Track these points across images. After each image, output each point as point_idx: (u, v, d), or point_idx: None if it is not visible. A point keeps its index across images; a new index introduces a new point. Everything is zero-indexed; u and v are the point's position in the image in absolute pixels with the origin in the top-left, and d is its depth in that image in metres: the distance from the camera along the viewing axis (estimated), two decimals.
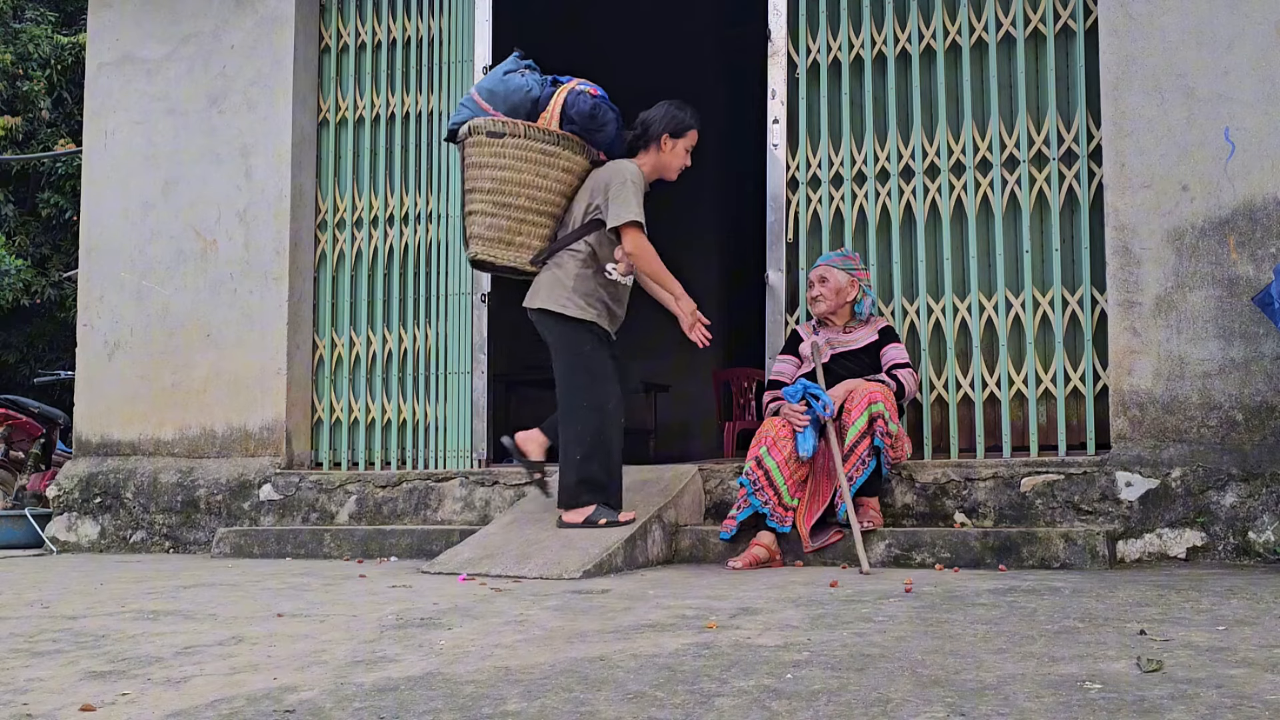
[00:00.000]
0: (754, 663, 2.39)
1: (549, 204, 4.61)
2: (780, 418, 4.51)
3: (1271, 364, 4.36)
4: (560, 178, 4.59)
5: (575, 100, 4.58)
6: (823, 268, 4.77)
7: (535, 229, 4.61)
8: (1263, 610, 2.96)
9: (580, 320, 4.52)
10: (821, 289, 4.72)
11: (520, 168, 4.54)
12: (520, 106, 4.60)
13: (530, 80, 4.64)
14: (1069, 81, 4.88)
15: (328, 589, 3.87)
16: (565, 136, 4.57)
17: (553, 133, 4.56)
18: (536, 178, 4.55)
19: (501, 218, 4.58)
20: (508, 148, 4.54)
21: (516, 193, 4.56)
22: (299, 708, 2.12)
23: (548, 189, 4.58)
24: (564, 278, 4.54)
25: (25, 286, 11.67)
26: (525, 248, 4.62)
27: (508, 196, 4.56)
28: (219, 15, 6.06)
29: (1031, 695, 2.05)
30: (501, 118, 4.56)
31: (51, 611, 3.46)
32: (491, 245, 4.60)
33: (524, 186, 4.55)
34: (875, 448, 4.33)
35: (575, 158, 4.61)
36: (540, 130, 4.55)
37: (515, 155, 4.54)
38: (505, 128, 4.53)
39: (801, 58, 5.25)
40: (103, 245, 6.16)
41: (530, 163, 4.54)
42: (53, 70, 12.44)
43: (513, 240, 4.61)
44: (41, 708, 2.18)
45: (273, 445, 5.77)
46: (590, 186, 4.61)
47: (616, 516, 4.44)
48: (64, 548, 5.99)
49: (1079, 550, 4.14)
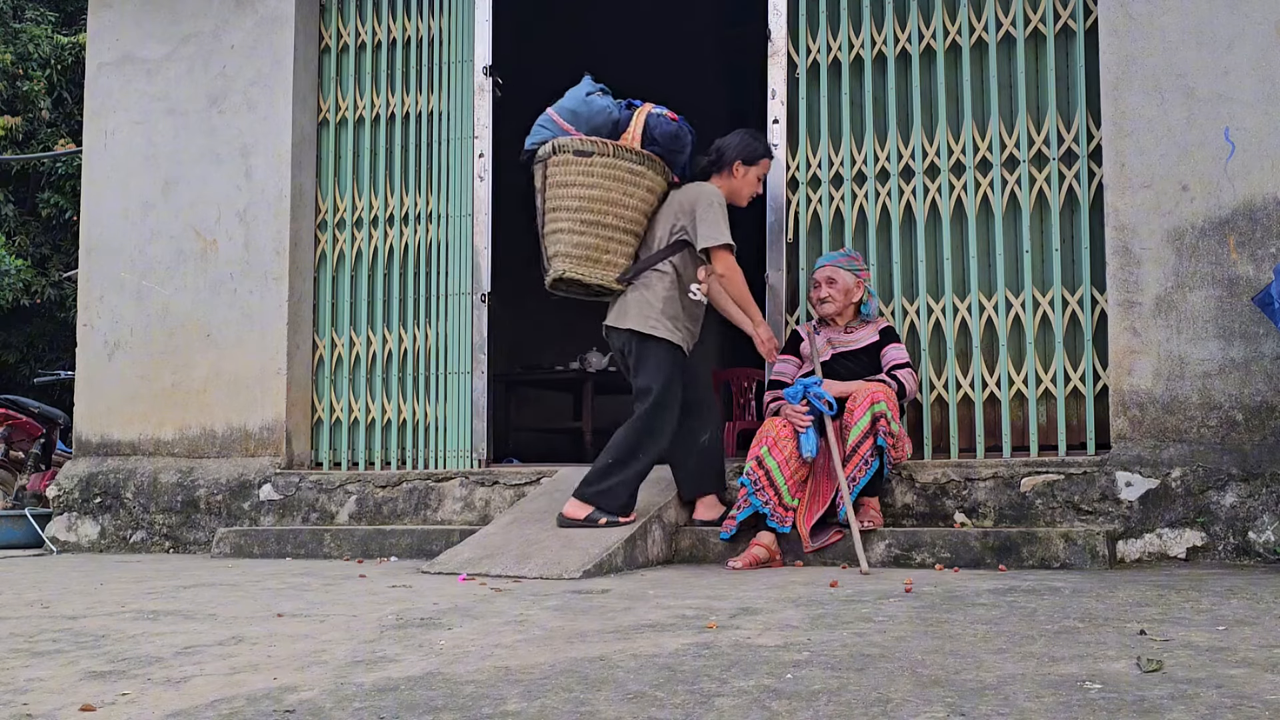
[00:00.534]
0: (754, 663, 2.39)
1: (633, 223, 4.69)
2: (781, 418, 4.51)
3: (1271, 364, 4.36)
4: (644, 197, 4.68)
5: (658, 122, 4.70)
6: (829, 268, 4.75)
7: (621, 247, 4.69)
8: (1263, 610, 2.96)
9: (667, 341, 4.61)
10: (830, 290, 4.71)
11: (608, 186, 4.62)
12: (602, 127, 4.71)
13: (609, 102, 4.76)
14: (1069, 81, 4.88)
15: (328, 589, 3.87)
16: (649, 157, 4.66)
17: (639, 153, 4.65)
18: (623, 196, 4.63)
19: (589, 236, 4.65)
20: (595, 166, 4.62)
21: (604, 211, 4.63)
22: (299, 708, 2.12)
23: (633, 208, 4.66)
24: (653, 299, 4.63)
25: (25, 286, 11.67)
26: (612, 265, 4.69)
27: (596, 215, 4.63)
28: (219, 15, 6.06)
29: (1031, 695, 2.05)
30: (586, 137, 4.65)
31: (51, 611, 3.46)
32: (580, 263, 4.66)
33: (611, 205, 4.63)
34: (878, 447, 4.33)
35: (658, 178, 4.70)
36: (628, 149, 4.64)
37: (603, 174, 4.62)
38: (594, 147, 4.62)
39: (801, 58, 5.25)
40: (103, 245, 6.16)
41: (618, 181, 4.62)
42: (53, 70, 12.44)
43: (600, 258, 4.68)
44: (41, 708, 2.18)
45: (273, 445, 5.77)
46: (673, 208, 4.70)
47: (617, 519, 4.47)
48: (64, 548, 5.99)
49: (1079, 550, 4.14)
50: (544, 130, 4.75)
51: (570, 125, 4.70)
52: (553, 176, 4.67)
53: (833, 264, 4.75)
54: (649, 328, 4.60)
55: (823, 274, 4.76)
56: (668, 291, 4.64)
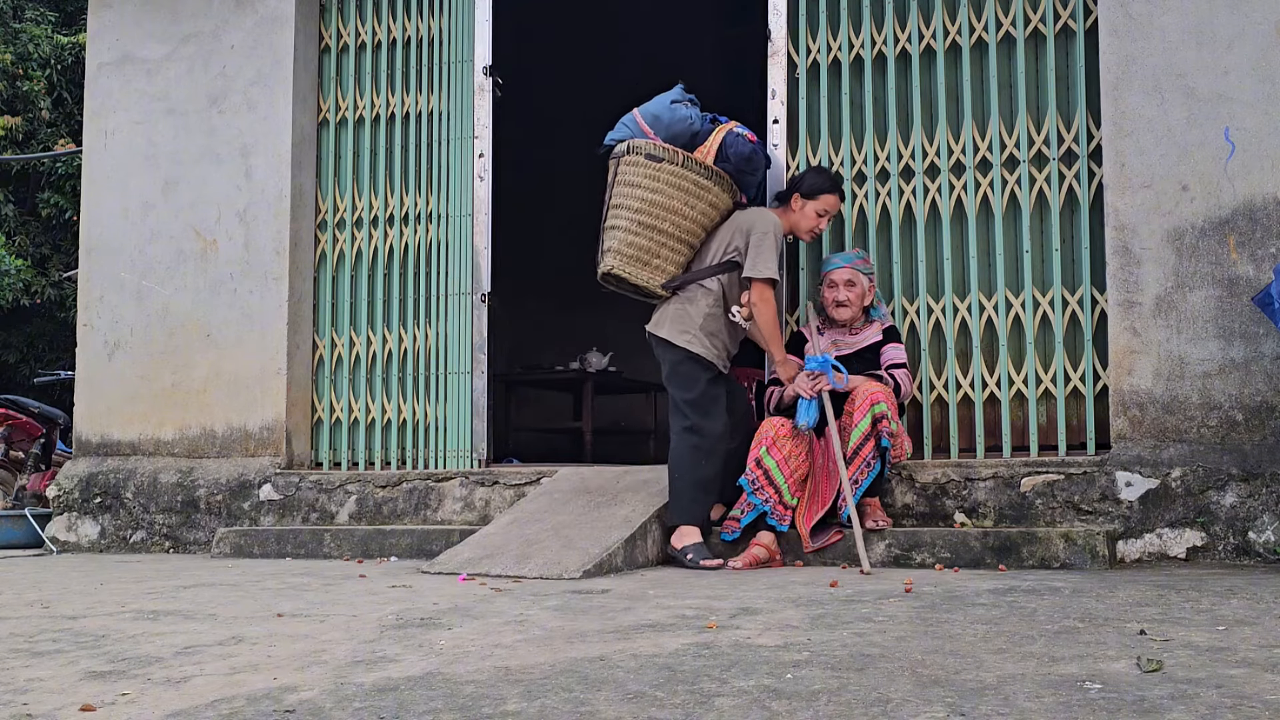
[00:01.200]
0: (754, 663, 2.39)
1: (690, 234, 4.71)
2: (778, 418, 4.51)
3: (1271, 364, 4.36)
4: (706, 211, 4.69)
5: (734, 141, 4.73)
6: (849, 270, 4.70)
7: (673, 254, 4.70)
8: (1263, 610, 2.96)
9: (700, 357, 4.62)
10: (849, 294, 4.67)
11: (671, 194, 4.65)
12: (680, 136, 4.74)
13: (694, 113, 4.79)
14: (1069, 81, 4.88)
15: (328, 589, 3.87)
16: (718, 173, 4.68)
17: (709, 167, 4.67)
18: (685, 206, 4.65)
19: (643, 238, 4.68)
20: (663, 173, 4.65)
21: (663, 217, 4.66)
22: (299, 708, 2.12)
23: (693, 219, 4.68)
24: (694, 314, 4.65)
25: (25, 286, 11.67)
26: (660, 271, 4.72)
27: (654, 219, 4.67)
28: (219, 15, 6.06)
29: (1031, 695, 2.05)
30: (660, 143, 4.68)
31: (51, 611, 3.46)
32: (629, 262, 4.70)
33: (671, 212, 4.65)
34: (881, 448, 4.34)
35: (723, 195, 4.71)
36: (698, 162, 4.66)
37: (669, 181, 4.65)
38: (665, 153, 4.65)
39: (801, 58, 5.25)
40: (103, 245, 6.16)
41: (682, 191, 4.64)
42: (53, 70, 12.44)
43: (649, 261, 4.71)
44: (41, 708, 2.18)
45: (273, 445, 5.77)
46: (732, 227, 4.71)
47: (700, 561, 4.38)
48: (64, 548, 5.99)
49: (1079, 550, 4.14)
50: (625, 129, 4.81)
51: (650, 129, 4.75)
52: (622, 175, 4.71)
53: (852, 266, 4.70)
54: (685, 341, 4.63)
55: (842, 275, 4.70)
56: (710, 308, 4.66)
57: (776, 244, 4.63)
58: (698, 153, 4.72)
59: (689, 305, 4.68)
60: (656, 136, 4.73)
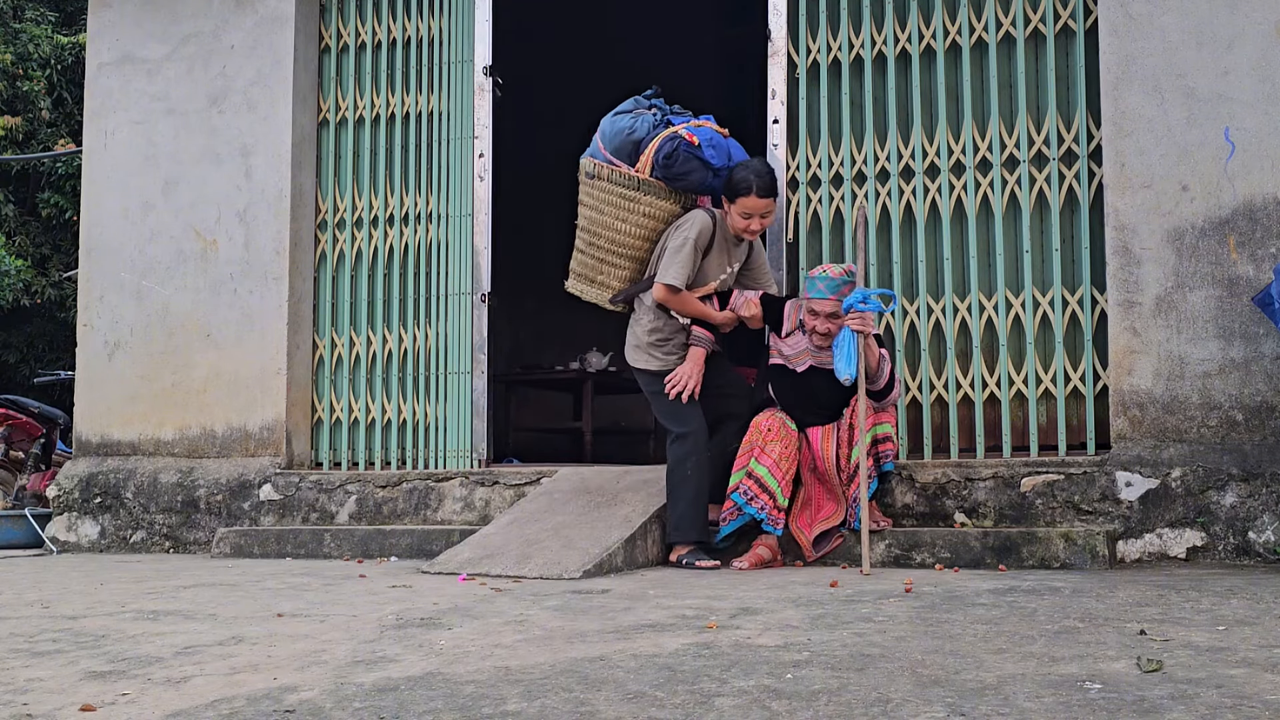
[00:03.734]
0: (754, 663, 2.39)
1: (629, 247, 4.66)
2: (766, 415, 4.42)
3: (1271, 364, 4.36)
4: (641, 222, 4.63)
5: (662, 144, 4.59)
6: (834, 302, 4.33)
7: (615, 270, 4.70)
8: (1263, 610, 2.96)
9: (655, 371, 4.62)
10: (830, 325, 4.35)
11: (604, 209, 4.65)
12: (622, 148, 4.67)
13: (638, 121, 4.66)
14: (1069, 81, 4.88)
15: (328, 589, 3.87)
16: (646, 181, 4.59)
17: (631, 177, 4.60)
18: (617, 220, 4.63)
19: (589, 255, 4.73)
20: (595, 189, 4.67)
21: (599, 234, 4.68)
22: (299, 708, 2.12)
23: (628, 233, 4.64)
24: (639, 330, 4.66)
25: (25, 286, 11.66)
26: (605, 287, 4.74)
27: (594, 236, 4.70)
28: (219, 15, 6.06)
29: (1031, 695, 2.05)
30: (594, 160, 4.67)
31: (51, 611, 3.46)
32: (579, 280, 4.78)
33: (605, 228, 4.66)
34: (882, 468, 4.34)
35: (659, 203, 4.61)
36: (620, 174, 4.61)
37: (600, 197, 4.66)
38: (594, 169, 4.65)
39: (801, 58, 5.25)
40: (103, 245, 6.16)
41: (613, 205, 4.63)
42: (53, 70, 12.43)
43: (595, 279, 4.75)
44: (41, 708, 2.18)
45: (273, 445, 5.77)
46: (667, 233, 4.65)
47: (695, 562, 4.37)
48: (64, 548, 5.99)
49: (1079, 550, 4.14)
50: (592, 145, 4.78)
51: (602, 142, 4.72)
52: (580, 194, 4.74)
53: (837, 297, 4.34)
54: (642, 363, 4.65)
55: (825, 308, 4.34)
56: (653, 321, 4.62)
57: (690, 248, 4.46)
58: (640, 161, 4.60)
59: (635, 323, 4.70)
60: (606, 149, 4.68)
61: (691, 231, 4.51)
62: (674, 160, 4.54)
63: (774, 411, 4.45)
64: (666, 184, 4.60)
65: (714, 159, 4.58)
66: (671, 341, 4.63)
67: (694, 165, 4.56)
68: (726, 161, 4.62)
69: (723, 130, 4.72)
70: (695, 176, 4.58)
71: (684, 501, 4.48)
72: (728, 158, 4.64)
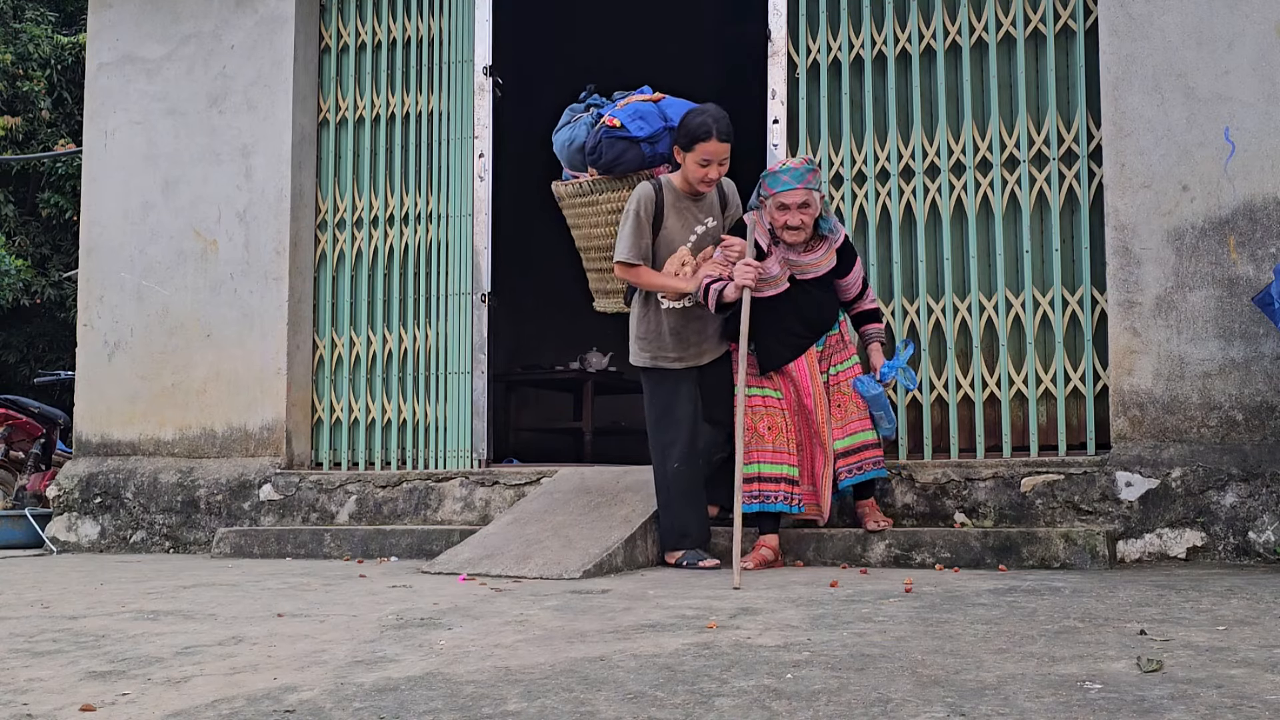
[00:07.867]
0: (754, 663, 2.39)
1: (612, 249, 4.54)
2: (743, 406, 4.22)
3: (1271, 364, 4.36)
4: (610, 220, 4.58)
5: (587, 141, 4.50)
6: (803, 191, 4.16)
7: (613, 274, 4.59)
8: (1263, 610, 2.96)
9: (641, 368, 4.53)
10: (803, 217, 4.18)
11: (578, 223, 4.67)
12: (573, 160, 4.64)
13: (577, 129, 4.58)
14: (1069, 81, 4.88)
15: (328, 589, 3.87)
16: (596, 181, 4.55)
17: (583, 184, 4.58)
18: (593, 229, 4.64)
19: (592, 271, 4.76)
20: (567, 208, 4.68)
21: (588, 247, 4.71)
22: (299, 708, 2.12)
23: (604, 235, 4.63)
24: (632, 325, 4.52)
25: (25, 286, 11.66)
26: (615, 293, 4.72)
27: (586, 251, 4.74)
28: (219, 15, 6.06)
29: (1032, 695, 2.05)
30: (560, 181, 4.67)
31: (51, 611, 3.46)
32: (600, 297, 4.81)
33: (589, 240, 4.68)
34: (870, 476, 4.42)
35: (617, 195, 4.53)
36: (575, 185, 4.61)
37: (575, 213, 4.68)
38: (559, 191, 4.66)
39: (801, 58, 5.25)
40: (103, 245, 6.16)
41: (584, 217, 4.64)
42: (53, 70, 12.43)
43: (603, 288, 4.76)
44: (41, 708, 2.18)
45: (273, 445, 5.77)
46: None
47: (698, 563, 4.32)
48: (64, 548, 5.99)
49: (1079, 550, 4.14)
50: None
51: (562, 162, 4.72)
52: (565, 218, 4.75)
53: (805, 185, 4.16)
54: (633, 359, 4.55)
55: (795, 198, 4.16)
56: (640, 311, 4.47)
57: (635, 220, 4.28)
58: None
59: (630, 319, 4.53)
60: (566, 167, 4.67)
61: (631, 205, 4.33)
62: (599, 151, 4.47)
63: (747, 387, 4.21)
64: (610, 175, 4.52)
65: (641, 130, 4.43)
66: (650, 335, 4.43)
67: (621, 146, 4.44)
68: (662, 124, 4.44)
69: (653, 97, 4.54)
70: (629, 155, 4.46)
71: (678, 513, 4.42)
72: (662, 119, 4.47)
